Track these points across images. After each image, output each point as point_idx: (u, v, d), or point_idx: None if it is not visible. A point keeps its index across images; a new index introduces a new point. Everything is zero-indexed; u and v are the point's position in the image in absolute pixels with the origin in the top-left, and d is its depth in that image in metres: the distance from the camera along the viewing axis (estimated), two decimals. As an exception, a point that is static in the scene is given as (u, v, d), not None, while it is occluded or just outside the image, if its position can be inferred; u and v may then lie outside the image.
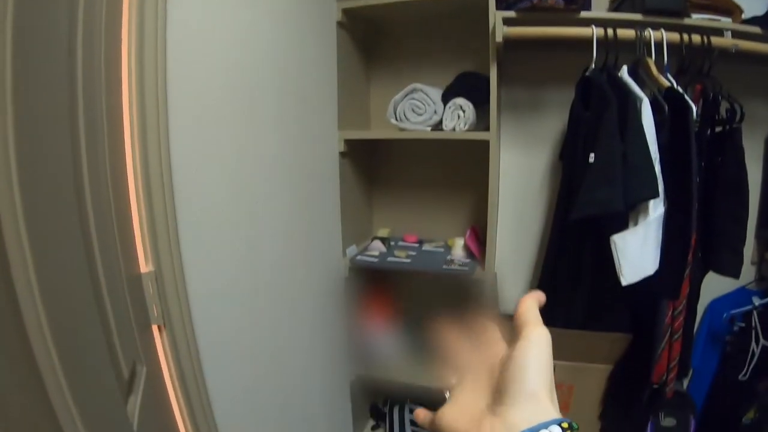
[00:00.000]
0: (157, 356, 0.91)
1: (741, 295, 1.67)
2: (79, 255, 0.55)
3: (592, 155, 1.20)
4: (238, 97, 1.06)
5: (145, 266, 0.86)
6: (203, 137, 0.95)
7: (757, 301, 1.63)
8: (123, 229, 0.77)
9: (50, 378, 0.44)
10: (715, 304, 1.70)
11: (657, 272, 1.21)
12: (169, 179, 0.86)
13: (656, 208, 1.21)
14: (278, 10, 1.23)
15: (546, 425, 0.28)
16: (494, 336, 0.37)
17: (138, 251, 0.85)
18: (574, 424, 0.30)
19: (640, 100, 1.23)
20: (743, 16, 1.48)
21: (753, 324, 1.63)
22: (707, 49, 1.36)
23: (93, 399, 0.52)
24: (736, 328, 1.65)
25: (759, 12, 1.51)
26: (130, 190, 0.83)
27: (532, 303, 0.34)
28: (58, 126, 0.53)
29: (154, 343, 0.90)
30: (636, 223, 1.20)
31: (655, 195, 1.16)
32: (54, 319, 0.44)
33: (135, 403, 0.69)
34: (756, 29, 1.44)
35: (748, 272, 1.68)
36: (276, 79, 1.21)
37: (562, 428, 0.29)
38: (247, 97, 1.09)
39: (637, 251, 1.18)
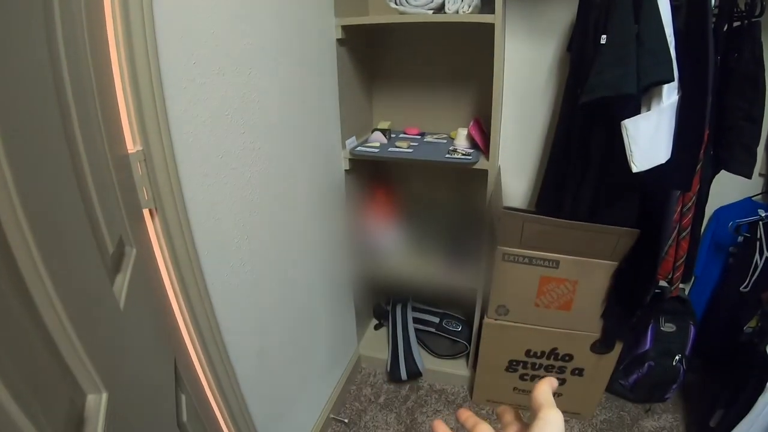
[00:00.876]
0: (149, 240, 0.89)
1: (747, 206, 1.66)
2: (54, 128, 0.51)
3: (604, 37, 1.16)
4: None
5: (132, 146, 0.82)
6: (192, 13, 0.90)
7: (763, 213, 1.62)
8: (106, 106, 0.72)
9: (21, 252, 0.40)
10: (721, 212, 1.69)
11: (669, 161, 1.18)
12: (155, 54, 0.81)
13: (670, 95, 1.17)
14: None
15: None
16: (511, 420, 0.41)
17: (124, 129, 0.81)
18: None
19: (657, -18, 1.17)
20: None
21: (758, 235, 1.62)
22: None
23: (71, 273, 0.50)
24: (740, 239, 1.65)
25: None
26: (113, 64, 0.78)
27: (546, 387, 0.37)
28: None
29: (146, 227, 0.88)
30: (649, 109, 1.17)
31: (670, 78, 1.13)
32: (25, 193, 0.40)
33: (123, 282, 0.66)
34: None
35: (756, 183, 1.66)
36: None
37: None
38: None
39: (649, 137, 1.16)
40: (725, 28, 1.34)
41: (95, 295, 0.57)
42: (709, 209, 1.64)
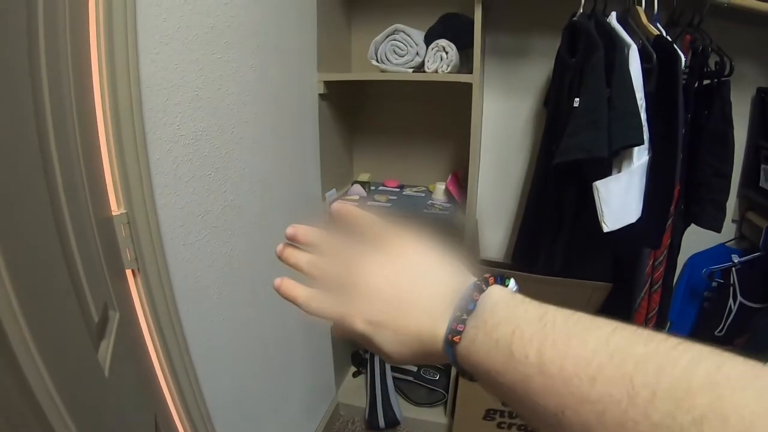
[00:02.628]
0: (132, 301, 0.90)
1: (721, 252, 1.69)
2: (40, 193, 0.52)
3: (577, 99, 1.19)
4: (213, 33, 1.02)
5: (116, 208, 0.84)
6: (176, 74, 0.92)
7: (736, 259, 1.66)
8: (92, 170, 0.74)
9: (9, 324, 0.41)
10: (695, 260, 1.72)
11: (639, 221, 1.21)
12: (140, 121, 0.83)
13: (640, 156, 1.20)
14: None
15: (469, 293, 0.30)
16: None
17: (109, 193, 0.83)
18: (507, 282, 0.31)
19: (628, 47, 1.21)
20: (737, -30, 1.45)
21: (731, 281, 1.65)
22: (699, 1, 1.34)
23: (58, 343, 0.51)
24: (714, 284, 1.68)
25: (754, -33, 1.49)
26: (99, 132, 0.79)
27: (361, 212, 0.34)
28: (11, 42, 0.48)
29: (128, 287, 0.89)
30: (620, 170, 1.20)
31: (640, 142, 1.16)
32: (11, 260, 0.41)
33: (107, 348, 0.67)
34: (750, -16, 1.42)
35: (729, 230, 1.70)
36: (253, 17, 1.17)
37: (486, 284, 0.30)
38: (223, 24, 1.05)
39: (619, 198, 1.19)
40: (696, 86, 1.39)
41: (81, 365, 0.58)
42: (684, 256, 1.68)
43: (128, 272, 0.89)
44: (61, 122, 0.61)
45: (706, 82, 1.39)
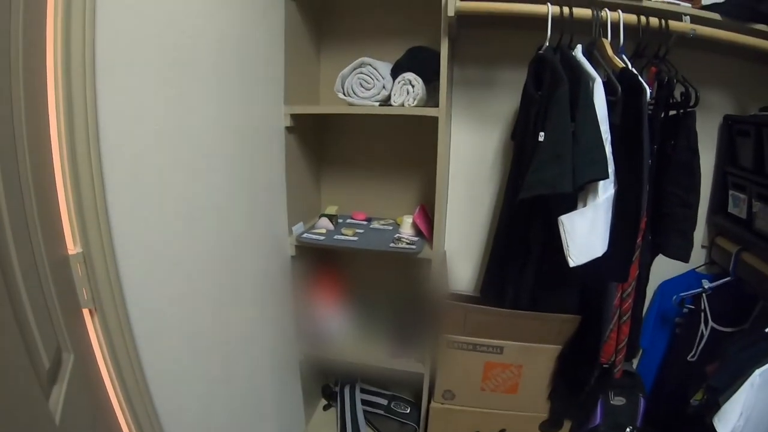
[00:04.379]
0: (89, 342, 0.88)
1: (691, 278, 1.70)
2: None
3: (541, 134, 1.19)
4: (175, 66, 1.00)
5: (73, 248, 0.82)
6: (135, 107, 0.90)
7: (706, 284, 1.66)
8: (46, 209, 0.73)
9: None
10: (666, 286, 1.73)
11: (605, 254, 1.21)
12: (97, 158, 0.81)
13: (606, 190, 1.20)
14: None
15: None
16: None
17: (65, 232, 0.81)
18: None
19: (593, 80, 1.21)
20: (703, 2, 1.48)
21: (702, 307, 1.66)
22: (665, 33, 1.36)
23: (2, 398, 0.49)
24: (685, 310, 1.69)
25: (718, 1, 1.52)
26: (55, 169, 0.77)
27: None
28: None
29: (85, 328, 0.87)
30: (585, 204, 1.19)
31: (605, 176, 1.16)
32: None
33: (59, 393, 0.65)
34: (715, 16, 1.44)
35: (699, 256, 1.71)
36: (217, 50, 1.15)
37: None
38: (185, 67, 1.03)
39: (585, 233, 1.18)
40: (662, 116, 1.39)
41: (29, 416, 0.56)
42: (655, 282, 1.69)
43: (85, 312, 0.87)
44: (10, 159, 0.59)
45: (672, 112, 1.40)
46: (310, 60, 1.68)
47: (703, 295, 1.65)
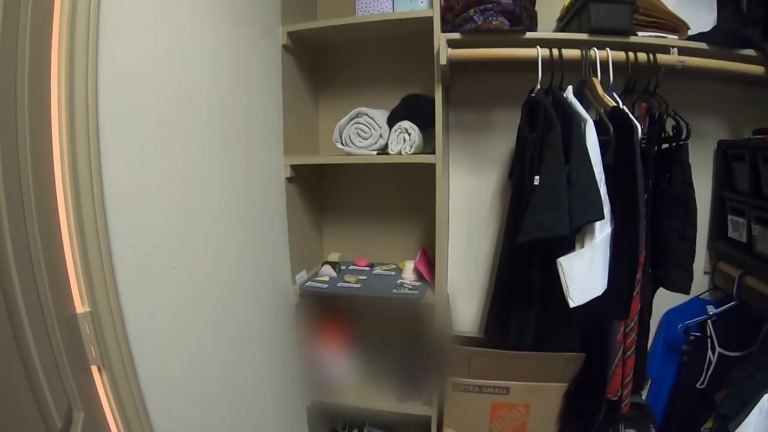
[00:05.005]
0: (98, 399, 0.90)
1: (695, 305, 1.70)
2: None
3: (537, 178, 1.21)
4: (177, 120, 1.04)
5: (81, 307, 0.84)
6: (139, 163, 0.93)
7: (711, 310, 1.66)
8: (54, 271, 0.76)
9: None
10: (671, 315, 1.72)
11: (606, 292, 1.22)
12: (103, 219, 0.84)
13: (603, 230, 1.22)
14: (221, 33, 1.21)
15: None
16: None
17: (73, 291, 0.84)
18: None
19: (585, 122, 1.24)
20: (689, 33, 1.50)
21: (708, 333, 1.66)
22: (653, 67, 1.38)
23: None
24: (691, 338, 1.68)
25: (705, 28, 1.54)
26: (62, 231, 0.81)
27: None
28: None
29: (94, 385, 0.88)
30: (582, 245, 1.21)
31: (600, 217, 1.17)
32: None
33: None
34: (702, 45, 1.47)
35: (702, 282, 1.71)
36: (217, 104, 1.19)
37: None
38: (187, 121, 1.07)
39: (584, 273, 1.19)
40: (655, 150, 1.41)
41: None
42: (659, 312, 1.68)
43: (93, 369, 0.89)
44: (19, 223, 0.61)
45: (665, 146, 1.42)
46: (309, 110, 1.73)
47: (709, 321, 1.65)
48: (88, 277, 0.84)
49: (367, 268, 1.77)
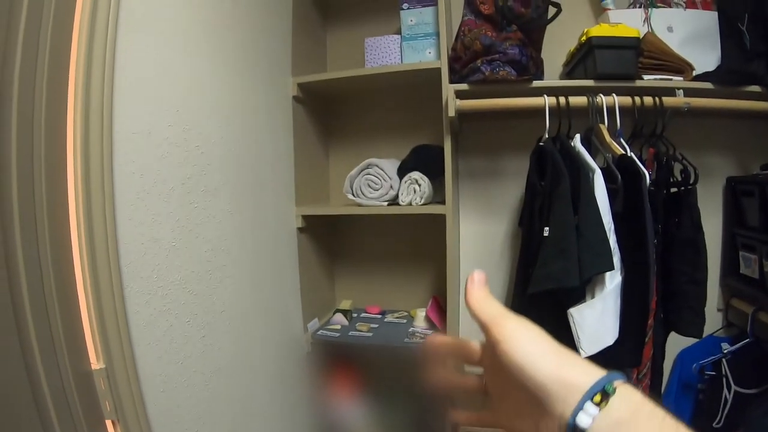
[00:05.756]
0: None
1: (710, 343, 1.68)
2: (13, 357, 0.54)
3: (546, 229, 1.22)
4: (190, 176, 1.07)
5: (96, 363, 0.87)
6: (152, 219, 0.96)
7: (725, 348, 1.65)
8: (70, 326, 0.78)
9: None
10: (684, 355, 1.71)
11: (617, 341, 1.22)
12: (117, 276, 0.87)
13: (613, 279, 1.22)
14: (233, 87, 1.25)
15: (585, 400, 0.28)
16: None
17: (89, 348, 0.86)
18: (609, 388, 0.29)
19: (593, 171, 1.25)
20: (694, 73, 1.52)
21: (723, 372, 1.64)
22: (660, 110, 1.39)
23: None
24: (706, 377, 1.67)
25: (710, 67, 1.56)
26: (78, 288, 0.83)
27: (482, 296, 0.32)
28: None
29: None
30: (593, 296, 1.22)
31: (610, 268, 1.18)
32: None
33: None
34: (708, 85, 1.48)
35: (716, 319, 1.70)
36: (229, 157, 1.22)
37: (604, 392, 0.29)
38: (199, 176, 1.10)
39: (594, 324, 1.20)
40: (664, 194, 1.42)
41: None
42: (673, 351, 1.67)
43: (108, 423, 0.90)
44: (36, 282, 0.64)
45: (673, 189, 1.43)
46: (319, 159, 1.76)
47: (723, 360, 1.63)
48: (103, 333, 0.86)
49: (379, 316, 1.78)
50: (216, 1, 1.19)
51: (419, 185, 1.39)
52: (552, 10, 1.42)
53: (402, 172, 1.44)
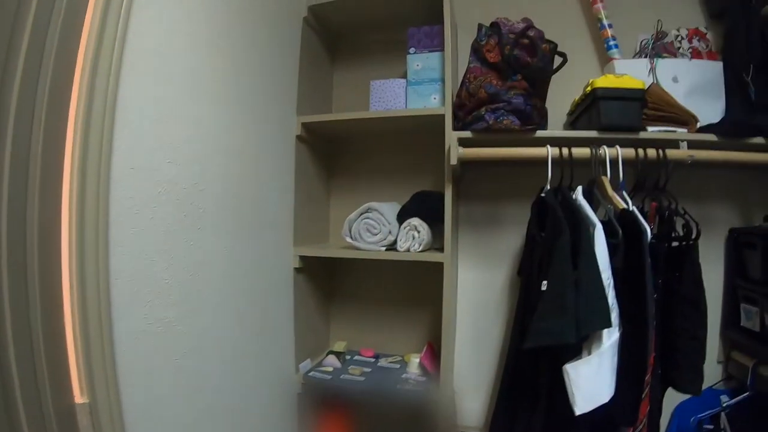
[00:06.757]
0: None
1: (708, 396, 1.66)
2: None
3: (545, 283, 1.22)
4: (187, 214, 1.08)
5: (80, 397, 0.86)
6: (146, 256, 0.96)
7: (725, 401, 1.63)
8: (55, 360, 0.78)
9: None
10: (683, 408, 1.69)
11: (613, 399, 1.21)
12: (107, 311, 0.87)
13: (610, 336, 1.21)
14: (236, 123, 1.26)
15: None
16: None
17: (73, 382, 0.85)
18: None
19: (593, 226, 1.25)
20: (699, 125, 1.52)
21: (722, 426, 1.62)
22: (663, 162, 1.40)
23: None
24: (705, 431, 1.65)
25: (714, 118, 1.56)
26: (66, 322, 0.83)
27: None
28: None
29: None
30: (590, 352, 1.21)
31: (608, 326, 1.17)
32: None
33: None
34: (712, 137, 1.48)
35: (715, 371, 1.68)
36: (229, 195, 1.23)
37: None
38: (197, 214, 1.11)
39: (590, 381, 1.19)
40: (666, 247, 1.41)
41: None
42: (671, 404, 1.65)
43: None
44: (22, 314, 0.64)
45: (674, 243, 1.42)
46: (320, 199, 1.78)
47: (722, 414, 1.61)
48: (89, 368, 0.86)
49: (373, 359, 1.77)
50: (225, 41, 1.21)
51: (418, 232, 1.40)
52: (558, 60, 1.44)
53: (401, 217, 1.45)
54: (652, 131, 1.47)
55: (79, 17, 0.83)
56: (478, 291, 1.70)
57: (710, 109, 1.59)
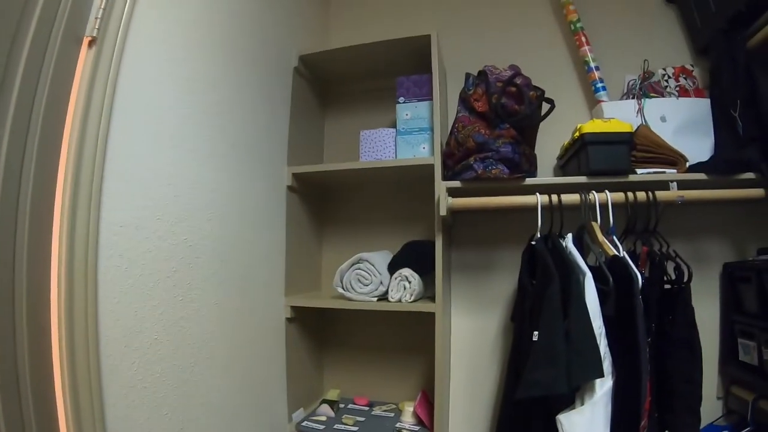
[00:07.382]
0: None
1: (709, 433, 1.66)
2: None
3: (536, 333, 1.24)
4: (176, 266, 1.09)
5: None
6: (135, 321, 0.97)
7: (726, 436, 1.63)
8: (44, 416, 0.79)
9: None
10: (682, 446, 1.68)
11: (607, 449, 1.21)
12: (96, 367, 0.88)
13: (603, 385, 1.22)
14: (226, 176, 1.29)
15: None
16: None
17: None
18: None
19: (584, 275, 1.27)
20: (688, 164, 1.54)
21: (724, 464, 1.61)
22: (653, 204, 1.41)
23: None
24: (707, 468, 1.64)
25: (704, 155, 1.58)
26: (55, 378, 0.84)
27: None
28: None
29: None
30: (582, 402, 1.21)
31: (599, 376, 1.19)
32: None
33: None
34: (701, 176, 1.50)
35: (715, 407, 1.68)
36: (219, 247, 1.25)
37: None
38: (186, 266, 1.13)
39: (584, 430, 1.20)
40: (658, 291, 1.42)
41: None
42: (671, 442, 1.64)
43: None
44: (11, 372, 0.65)
45: (667, 286, 1.43)
46: (312, 248, 1.81)
47: (723, 451, 1.61)
48: (78, 423, 0.86)
49: (367, 408, 1.77)
50: (214, 95, 1.23)
51: (409, 282, 1.42)
52: (546, 107, 1.47)
53: (392, 268, 1.47)
54: (642, 173, 1.49)
55: (67, 82, 0.85)
56: (472, 337, 1.71)
57: (699, 147, 1.61)
